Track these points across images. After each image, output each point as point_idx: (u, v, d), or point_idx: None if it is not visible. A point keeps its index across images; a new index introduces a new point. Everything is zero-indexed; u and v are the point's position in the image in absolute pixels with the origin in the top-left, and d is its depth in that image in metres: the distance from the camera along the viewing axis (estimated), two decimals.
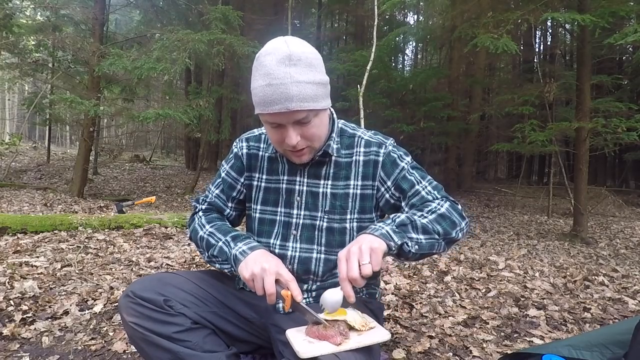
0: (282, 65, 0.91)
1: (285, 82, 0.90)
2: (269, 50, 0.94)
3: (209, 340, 1.03)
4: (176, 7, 9.83)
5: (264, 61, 0.93)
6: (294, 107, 0.91)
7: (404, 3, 12.14)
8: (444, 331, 1.80)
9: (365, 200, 1.09)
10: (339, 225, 1.08)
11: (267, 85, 0.91)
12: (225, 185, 1.17)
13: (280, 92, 0.90)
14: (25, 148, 14.21)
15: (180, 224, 4.02)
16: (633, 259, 4.65)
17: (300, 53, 0.93)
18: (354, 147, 1.10)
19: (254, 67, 0.96)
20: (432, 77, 11.01)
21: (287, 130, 0.95)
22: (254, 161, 1.15)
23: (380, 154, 1.08)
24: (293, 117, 0.93)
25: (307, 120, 0.95)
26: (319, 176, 1.09)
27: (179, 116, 6.59)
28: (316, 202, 1.09)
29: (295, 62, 0.92)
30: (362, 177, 1.08)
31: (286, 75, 0.90)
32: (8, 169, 8.91)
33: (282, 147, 1.01)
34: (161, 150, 21.52)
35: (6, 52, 8.47)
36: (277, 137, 0.99)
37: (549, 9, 5.67)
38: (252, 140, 1.17)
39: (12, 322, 1.69)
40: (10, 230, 3.32)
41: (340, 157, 1.09)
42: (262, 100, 0.92)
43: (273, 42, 0.96)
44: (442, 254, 3.15)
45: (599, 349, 1.12)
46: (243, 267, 0.95)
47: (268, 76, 0.91)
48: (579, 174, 5.98)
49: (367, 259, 0.83)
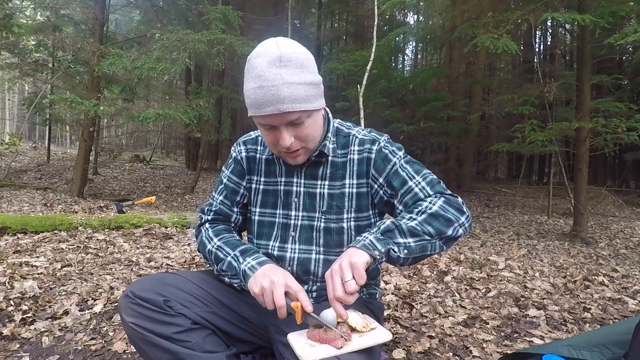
0: (272, 67, 0.91)
1: (276, 83, 0.90)
2: (259, 52, 0.94)
3: (208, 341, 1.03)
4: (176, 7, 9.83)
5: (255, 63, 0.93)
6: (286, 108, 0.90)
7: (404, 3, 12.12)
8: (444, 331, 1.80)
9: (361, 198, 1.08)
10: (336, 225, 1.08)
11: (258, 87, 0.91)
12: (228, 190, 1.17)
13: (272, 94, 0.90)
14: (25, 148, 14.21)
15: (180, 224, 4.02)
16: (633, 259, 4.65)
17: (290, 54, 0.92)
18: (349, 146, 1.09)
19: (245, 70, 0.96)
20: (432, 77, 11.03)
21: (281, 132, 0.95)
22: (253, 164, 1.15)
23: (372, 151, 1.07)
24: (285, 118, 0.93)
25: (300, 121, 0.95)
26: (316, 177, 1.09)
27: (179, 116, 6.59)
28: (313, 202, 1.09)
29: (286, 63, 0.91)
30: (357, 176, 1.08)
31: (277, 77, 0.90)
32: (8, 169, 8.91)
33: (277, 148, 1.01)
34: (161, 150, 21.53)
35: (6, 52, 8.47)
36: (271, 139, 0.99)
37: (549, 9, 5.67)
38: (249, 143, 1.17)
39: (12, 322, 1.69)
40: (10, 230, 3.32)
41: (336, 157, 1.09)
42: (254, 103, 0.92)
43: (264, 43, 0.96)
44: (441, 254, 3.14)
45: (599, 349, 1.12)
46: (252, 282, 0.95)
47: (259, 78, 0.91)
48: (579, 174, 5.98)
49: (349, 276, 0.83)
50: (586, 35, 5.76)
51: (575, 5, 5.73)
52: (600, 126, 5.48)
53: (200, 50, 6.40)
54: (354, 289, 0.82)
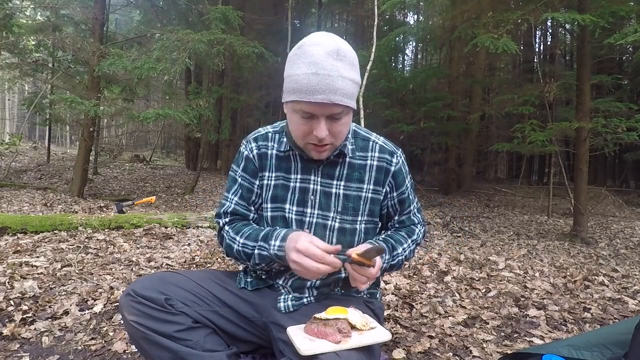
0: (330, 58, 0.92)
1: (332, 74, 0.91)
2: (315, 41, 0.95)
3: (209, 340, 1.03)
4: (176, 7, 9.83)
5: (311, 50, 0.93)
6: (336, 100, 0.91)
7: (404, 3, 12.14)
8: (444, 331, 1.80)
9: (375, 204, 1.13)
10: (351, 226, 1.11)
11: (313, 73, 0.91)
12: (244, 190, 1.15)
13: (327, 83, 0.90)
14: (25, 148, 14.20)
15: (180, 224, 4.02)
16: (633, 259, 4.65)
17: (346, 50, 0.95)
18: (368, 151, 1.12)
19: (294, 55, 0.96)
20: (432, 77, 11.02)
21: (319, 123, 0.95)
22: (265, 160, 1.14)
23: (392, 163, 1.12)
24: (331, 110, 0.94)
25: (340, 116, 0.96)
26: (333, 176, 1.10)
27: (179, 116, 6.58)
28: (329, 202, 1.10)
29: (342, 57, 0.93)
30: (374, 182, 1.11)
31: (334, 68, 0.91)
32: (8, 169, 8.90)
33: (306, 139, 1.00)
34: (161, 150, 21.52)
35: (6, 52, 8.46)
36: (305, 129, 0.98)
37: (549, 9, 5.66)
38: (260, 139, 1.16)
39: (12, 322, 1.69)
40: (10, 230, 3.32)
41: (354, 158, 1.11)
42: (305, 88, 0.91)
43: (317, 34, 0.97)
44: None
45: (599, 349, 1.12)
46: (289, 261, 0.95)
47: (315, 65, 0.91)
48: (579, 174, 5.97)
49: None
50: (586, 35, 5.76)
51: (575, 5, 5.72)
52: (600, 126, 5.48)
53: (200, 50, 6.40)
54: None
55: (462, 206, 8.91)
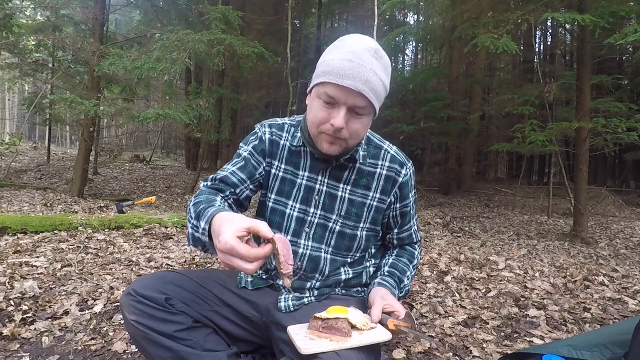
0: (367, 53, 0.94)
1: (366, 66, 0.93)
2: (354, 38, 0.98)
3: (209, 339, 1.03)
4: (176, 7, 9.82)
5: (350, 42, 0.96)
6: (364, 90, 0.92)
7: (404, 3, 12.13)
8: (444, 331, 1.80)
9: (379, 212, 1.13)
10: (351, 231, 1.11)
11: (348, 60, 0.92)
12: (248, 163, 1.10)
13: (358, 72, 0.92)
14: (25, 148, 14.21)
15: (181, 224, 4.02)
16: (633, 259, 4.65)
17: (383, 54, 0.98)
18: (379, 159, 1.12)
19: (334, 46, 0.99)
20: (432, 77, 11.01)
21: (339, 111, 0.94)
22: (275, 148, 1.13)
23: (401, 174, 1.12)
24: (355, 100, 0.94)
25: (361, 112, 0.97)
26: (340, 179, 1.10)
27: (179, 116, 6.58)
28: (333, 204, 1.10)
29: (379, 57, 0.96)
30: (381, 191, 1.12)
31: (369, 62, 0.93)
32: (8, 169, 8.90)
33: (321, 128, 0.98)
34: (161, 150, 21.53)
35: (6, 52, 8.46)
36: (323, 115, 0.97)
37: (549, 9, 5.66)
38: (274, 127, 1.15)
39: (12, 322, 1.69)
40: (10, 230, 3.32)
41: (364, 165, 1.11)
42: (336, 71, 0.92)
43: (357, 35, 1.00)
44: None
45: (599, 349, 1.12)
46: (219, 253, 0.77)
47: (352, 54, 0.93)
48: (579, 174, 5.97)
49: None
50: (586, 35, 5.76)
51: (575, 5, 5.72)
52: (600, 126, 5.47)
53: (200, 50, 6.40)
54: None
55: (462, 206, 8.91)
